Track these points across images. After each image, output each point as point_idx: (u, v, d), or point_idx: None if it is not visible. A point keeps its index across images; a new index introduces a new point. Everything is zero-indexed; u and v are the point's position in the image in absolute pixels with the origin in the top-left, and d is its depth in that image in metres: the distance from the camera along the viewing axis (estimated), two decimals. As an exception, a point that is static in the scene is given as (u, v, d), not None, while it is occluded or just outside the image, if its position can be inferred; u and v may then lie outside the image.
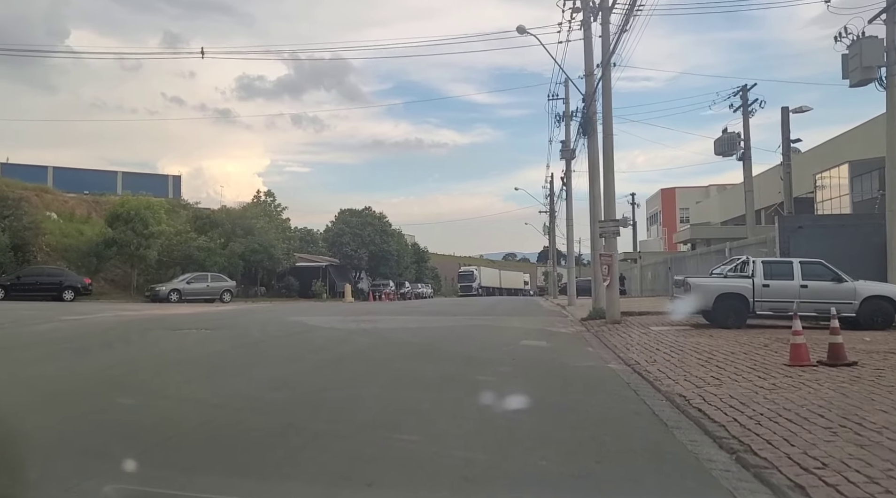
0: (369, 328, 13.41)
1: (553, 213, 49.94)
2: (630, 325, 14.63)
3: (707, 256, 26.82)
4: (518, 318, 18.40)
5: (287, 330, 12.71)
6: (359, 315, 18.04)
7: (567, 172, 26.88)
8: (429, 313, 19.85)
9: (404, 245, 55.35)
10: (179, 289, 27.62)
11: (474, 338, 12.12)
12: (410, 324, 14.86)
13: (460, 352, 9.57)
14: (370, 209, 46.92)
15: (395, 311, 21.50)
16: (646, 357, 9.09)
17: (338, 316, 17.34)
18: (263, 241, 34.41)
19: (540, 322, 16.84)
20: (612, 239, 15.82)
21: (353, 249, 42.99)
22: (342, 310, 22.08)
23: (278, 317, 16.70)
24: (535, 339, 12.14)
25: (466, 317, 17.91)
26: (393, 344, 10.34)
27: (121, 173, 46.36)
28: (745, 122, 25.47)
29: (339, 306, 26.60)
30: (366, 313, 19.17)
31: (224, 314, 17.96)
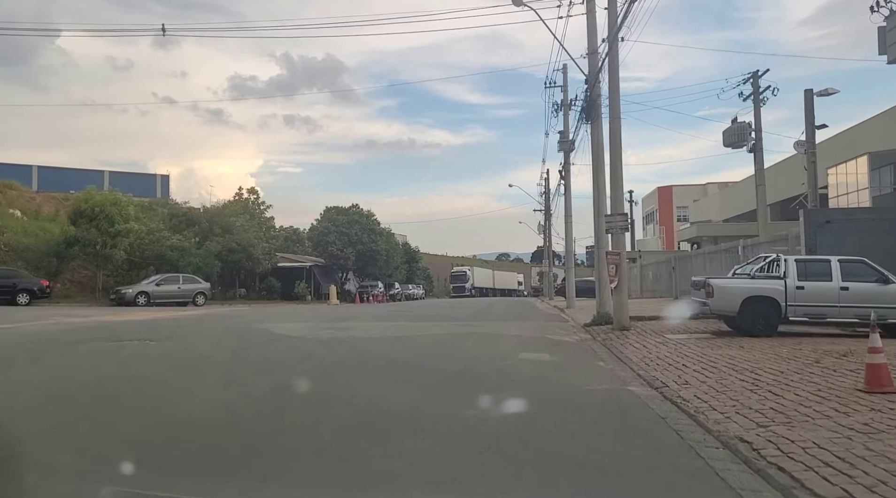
0: (343, 337, 11.71)
1: (549, 211, 48.39)
2: (641, 332, 13.01)
3: (716, 255, 25.27)
4: (514, 323, 16.75)
5: (246, 341, 10.99)
6: (336, 321, 16.32)
7: (565, 165, 25.28)
8: (416, 318, 18.16)
9: (394, 244, 53.61)
10: (147, 291, 25.79)
11: (464, 350, 10.44)
12: (392, 331, 13.17)
13: (446, 370, 7.88)
14: (357, 207, 45.16)
15: (378, 315, 19.80)
16: (674, 377, 7.46)
17: (312, 322, 15.62)
18: (242, 240, 32.61)
19: (539, 328, 15.19)
20: (619, 235, 14.20)
21: (338, 248, 41.21)
22: (321, 314, 20.35)
23: (245, 323, 14.96)
24: (535, 350, 10.48)
25: (457, 322, 16.24)
26: (365, 360, 8.64)
27: (107, 173, 45.61)
28: (756, 112, 23.91)
29: (320, 310, 24.85)
30: (345, 318, 17.45)
31: (186, 321, 16.20)
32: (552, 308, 27.90)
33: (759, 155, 24.16)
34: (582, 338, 13.05)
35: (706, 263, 26.20)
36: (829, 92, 17.05)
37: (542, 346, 11.26)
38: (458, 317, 19.11)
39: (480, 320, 17.61)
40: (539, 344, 11.54)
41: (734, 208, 39.30)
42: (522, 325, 16.25)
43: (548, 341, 12.08)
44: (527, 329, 14.82)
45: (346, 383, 6.66)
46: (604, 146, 16.14)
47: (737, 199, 39.92)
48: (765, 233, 23.42)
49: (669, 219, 74.16)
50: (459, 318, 18.68)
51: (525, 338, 12.68)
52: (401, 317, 19.00)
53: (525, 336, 13.03)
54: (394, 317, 18.83)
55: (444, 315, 20.25)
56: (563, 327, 15.76)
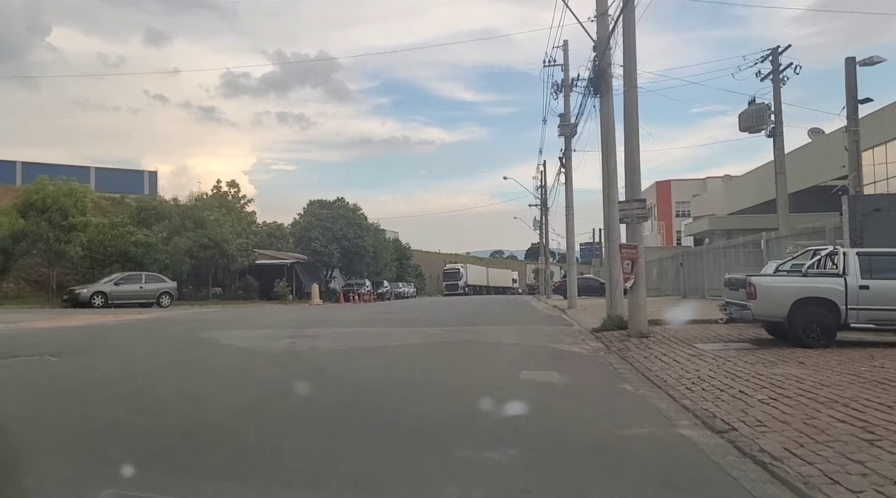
0: (302, 350, 9.61)
1: (546, 205, 46.36)
2: (664, 340, 10.99)
3: (729, 250, 23.32)
4: (511, 327, 14.69)
5: (176, 357, 8.88)
6: (305, 326, 14.22)
7: (566, 152, 23.23)
8: (399, 322, 16.07)
9: (383, 241, 51.43)
10: (105, 291, 23.57)
11: (449, 368, 8.37)
12: (365, 340, 11.08)
13: (420, 406, 5.80)
14: (342, 200, 42.98)
15: (357, 319, 17.69)
16: (736, 411, 5.45)
17: (275, 328, 13.50)
18: (215, 235, 30.38)
19: (540, 334, 13.15)
20: (636, 225, 12.17)
21: (322, 244, 39.00)
22: (293, 317, 18.22)
23: (193, 331, 12.82)
24: (540, 366, 8.43)
25: (445, 327, 14.16)
26: (315, 387, 6.53)
27: (94, 169, 44.64)
28: (775, 92, 21.95)
29: (296, 312, 22.70)
30: (316, 323, 15.34)
31: (125, 327, 14.06)
32: (551, 308, 25.88)
33: (780, 139, 22.21)
34: (593, 347, 11.01)
35: (719, 259, 24.26)
36: (873, 60, 15.07)
37: (548, 359, 9.20)
38: (448, 319, 17.05)
39: (472, 324, 15.55)
40: (544, 357, 9.49)
41: (741, 201, 37.36)
42: (521, 329, 14.21)
43: (554, 353, 10.03)
44: (527, 335, 12.78)
45: (266, 437, 4.54)
46: (615, 123, 14.14)
47: (744, 191, 38.02)
48: (785, 225, 21.50)
49: (668, 214, 72.57)
50: (448, 321, 16.63)
51: (526, 347, 10.64)
52: (382, 320, 16.91)
53: (525, 345, 10.99)
54: (373, 321, 16.75)
55: (432, 317, 18.18)
56: (568, 333, 13.72)
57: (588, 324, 15.38)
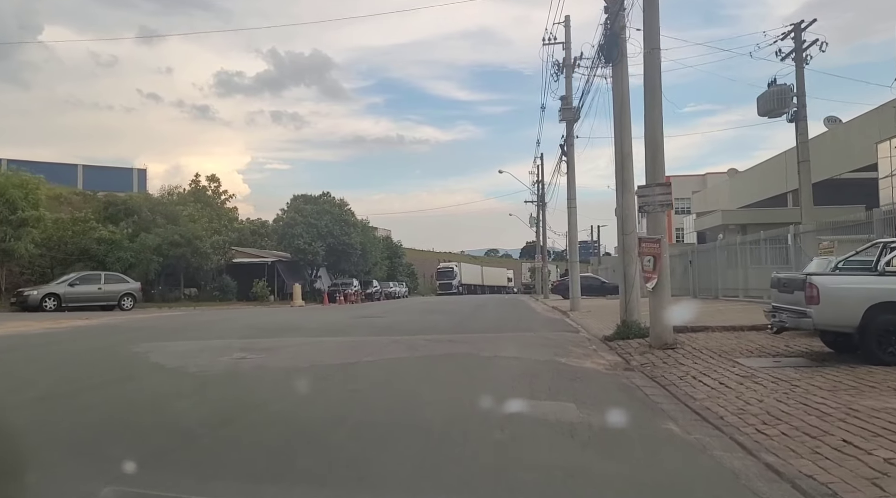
0: (247, 370, 7.70)
1: (543, 201, 44.51)
2: (696, 353, 9.14)
3: (748, 246, 21.51)
4: (510, 335, 12.82)
5: (73, 384, 6.89)
6: (267, 335, 12.30)
7: (567, 138, 21.34)
8: (380, 329, 14.16)
9: (372, 238, 49.44)
10: (58, 293, 21.54)
11: (431, 396, 6.45)
12: (333, 355, 9.17)
13: (376, 472, 3.86)
14: (328, 194, 40.96)
15: (332, 325, 15.75)
16: (857, 477, 3.59)
17: (229, 339, 11.54)
18: (187, 231, 28.34)
19: (544, 344, 11.27)
20: (658, 215, 10.31)
21: (306, 241, 36.96)
22: (257, 323, 16.28)
23: (131, 342, 10.85)
24: (549, 394, 6.57)
25: (433, 336, 12.27)
26: (228, 438, 4.59)
27: (81, 166, 44.54)
28: (798, 73, 20.16)
29: (268, 315, 20.75)
30: (282, 331, 13.40)
31: (52, 336, 12.10)
32: (551, 310, 24.02)
33: (803, 124, 20.40)
34: (610, 362, 9.13)
35: (734, 256, 22.47)
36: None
37: (558, 381, 7.32)
38: (437, 326, 15.15)
39: (465, 331, 13.65)
40: (552, 377, 7.61)
41: (749, 196, 35.56)
42: (521, 338, 12.32)
43: (563, 371, 8.15)
44: (528, 346, 10.89)
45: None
46: (629, 97, 12.28)
47: (751, 185, 36.30)
48: (810, 218, 19.69)
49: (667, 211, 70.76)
50: (438, 326, 14.74)
51: (528, 363, 8.76)
52: (362, 327, 14.99)
53: (528, 360, 9.10)
54: (352, 327, 14.82)
55: (420, 323, 16.28)
56: (575, 342, 11.84)
57: (596, 330, 13.52)
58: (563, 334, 13.29)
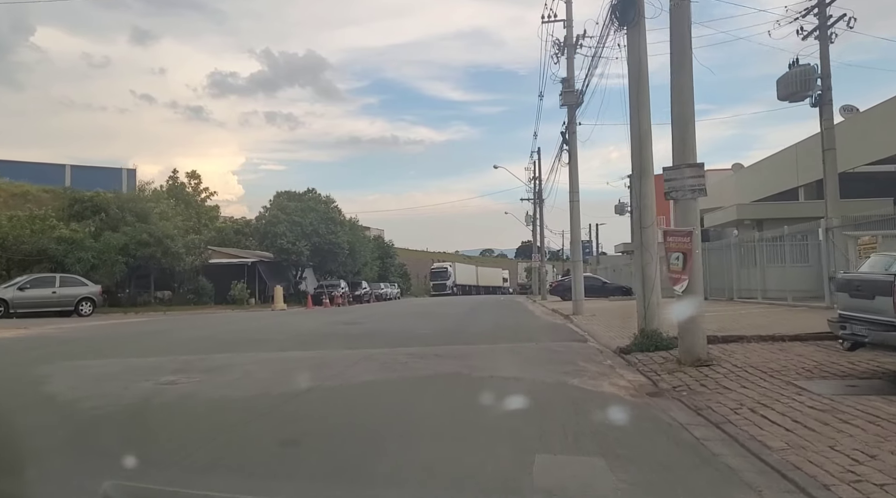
0: (168, 402, 5.95)
1: (540, 198, 42.82)
2: (740, 372, 7.43)
3: (767, 243, 19.82)
4: (508, 347, 11.05)
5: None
6: (220, 349, 10.48)
7: (569, 125, 19.56)
8: (358, 339, 12.37)
9: (361, 237, 47.60)
10: (5, 298, 19.63)
11: (401, 445, 4.63)
12: (289, 377, 7.40)
13: None
14: (314, 191, 39.09)
15: (305, 334, 13.93)
16: None
17: (170, 355, 9.69)
18: (156, 230, 26.44)
19: (550, 358, 9.50)
20: (689, 203, 8.59)
21: (289, 241, 35.08)
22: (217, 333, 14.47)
23: (43, 360, 9.02)
24: (565, 442, 4.79)
25: (418, 348, 10.49)
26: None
27: (69, 166, 43.60)
28: (823, 52, 18.49)
29: (234, 322, 18.89)
30: (241, 344, 11.58)
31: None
32: (551, 314, 22.29)
33: (828, 109, 18.72)
34: (633, 383, 7.38)
35: (751, 253, 20.79)
36: None
37: (577, 419, 5.56)
38: (425, 333, 13.38)
39: (456, 341, 11.88)
40: (565, 409, 5.88)
41: (756, 191, 33.85)
42: (521, 350, 10.56)
43: (579, 400, 6.39)
44: (531, 362, 9.14)
45: None
46: (647, 65, 10.52)
47: (760, 179, 34.63)
48: (836, 212, 18.01)
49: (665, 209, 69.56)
50: (425, 335, 12.96)
51: (534, 387, 7.01)
52: (338, 336, 13.18)
53: (532, 382, 7.35)
54: (326, 337, 13.00)
55: (406, 330, 14.51)
56: (586, 355, 10.07)
57: (607, 339, 11.79)
58: (570, 345, 11.52)
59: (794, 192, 31.13)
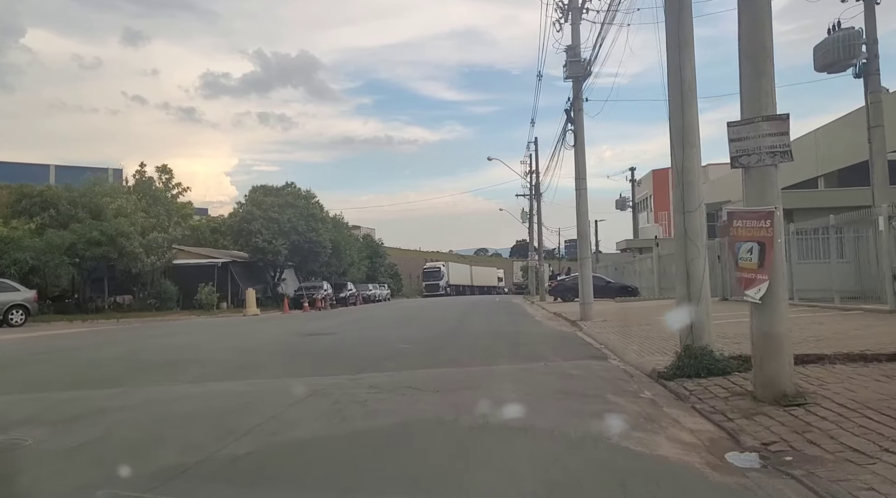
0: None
1: (538, 192, 40.41)
2: (867, 421, 4.93)
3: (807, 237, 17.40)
4: (508, 369, 8.57)
5: None
6: (112, 382, 7.98)
7: (574, 101, 17.04)
8: (309, 363, 9.86)
9: (346, 235, 45.00)
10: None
11: None
12: (155, 444, 4.85)
13: None
14: (293, 186, 36.45)
15: (248, 352, 11.38)
16: None
17: (31, 394, 7.13)
18: (109, 228, 23.80)
19: (567, 391, 7.02)
20: (767, 171, 6.12)
21: (265, 239, 32.46)
22: (137, 349, 11.94)
23: None
24: None
25: (385, 377, 7.98)
26: None
27: (53, 166, 42.45)
28: (867, 14, 16.09)
29: (179, 334, 16.32)
30: (153, 369, 9.04)
31: None
32: (554, 318, 19.85)
33: (875, 80, 16.31)
34: (702, 437, 4.92)
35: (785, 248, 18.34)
36: None
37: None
38: (403, 350, 10.88)
39: (440, 362, 9.38)
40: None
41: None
42: (527, 375, 8.08)
43: (628, 475, 3.92)
44: (542, 395, 6.67)
45: None
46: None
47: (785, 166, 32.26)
48: (885, 200, 15.61)
49: (666, 204, 67.65)
50: (404, 352, 10.47)
51: (551, 444, 4.53)
52: (290, 356, 10.65)
53: (549, 435, 4.89)
54: (271, 358, 10.44)
55: (381, 344, 12.02)
56: (615, 382, 7.59)
57: (631, 354, 9.36)
58: (588, 364, 9.03)
59: (813, 182, 28.82)
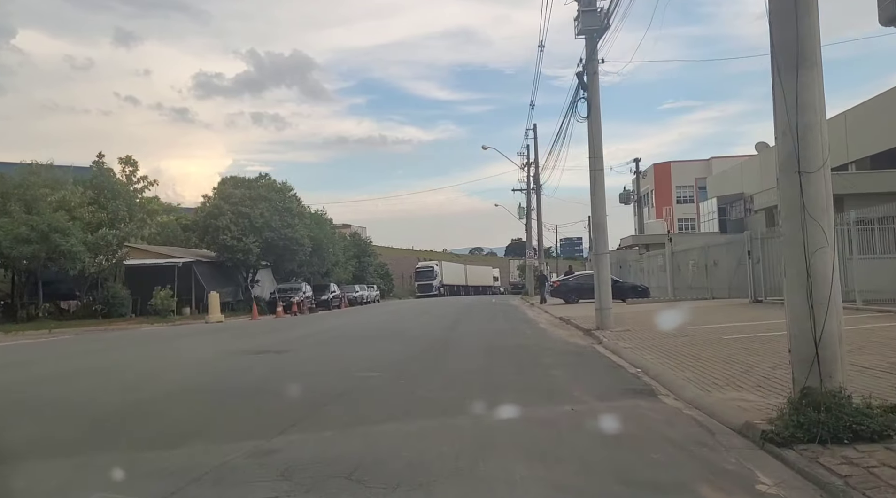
0: None
1: (538, 182, 37.42)
2: None
3: (873, 227, 14.47)
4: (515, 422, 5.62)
5: None
6: None
7: (587, 63, 14.04)
8: (227, 402, 6.92)
9: (329, 233, 41.88)
10: None
11: None
12: None
13: None
14: (267, 177, 33.32)
15: (134, 389, 8.29)
16: None
17: None
18: (41, 222, 20.65)
19: (626, 480, 3.91)
20: None
21: (234, 236, 29.31)
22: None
23: None
24: None
25: (316, 445, 4.90)
26: None
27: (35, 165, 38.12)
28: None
29: (61, 358, 13.20)
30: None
31: None
32: (562, 324, 16.88)
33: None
34: None
35: (842, 240, 15.52)
36: None
37: None
38: (365, 382, 7.82)
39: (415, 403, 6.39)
40: None
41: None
42: (549, 433, 5.07)
43: None
44: (586, 494, 3.56)
45: None
46: None
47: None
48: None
49: (668, 199, 65.25)
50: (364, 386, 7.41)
51: None
52: (182, 397, 7.58)
53: None
54: (151, 406, 7.37)
55: (336, 370, 8.97)
56: (698, 457, 4.52)
57: (687, 386, 6.40)
58: (636, 408, 6.01)
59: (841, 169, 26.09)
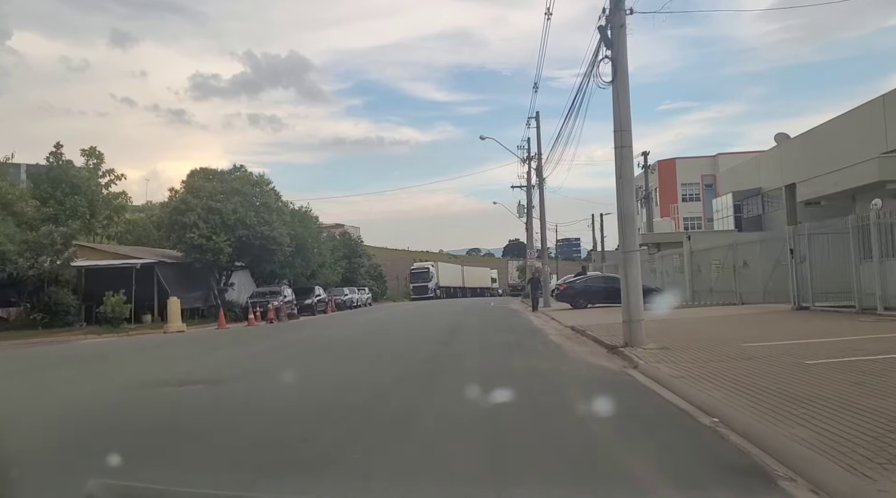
0: None
1: (540, 174, 34.49)
2: None
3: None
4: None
5: None
6: None
7: (614, 7, 11.23)
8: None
9: (314, 231, 38.94)
10: None
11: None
12: None
13: None
14: (242, 169, 30.37)
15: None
16: None
17: None
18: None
19: None
20: None
21: (203, 234, 26.35)
22: None
23: None
24: None
25: None
26: None
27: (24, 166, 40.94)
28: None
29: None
30: None
31: None
32: (576, 336, 14.07)
33: None
34: None
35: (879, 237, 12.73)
36: None
37: None
38: (304, 443, 4.91)
39: None
40: None
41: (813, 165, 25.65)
42: None
43: None
44: None
45: None
46: None
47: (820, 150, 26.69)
48: None
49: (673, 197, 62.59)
50: (301, 457, 4.50)
51: None
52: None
53: None
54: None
55: (272, 423, 6.09)
56: None
57: (817, 462, 3.43)
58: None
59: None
